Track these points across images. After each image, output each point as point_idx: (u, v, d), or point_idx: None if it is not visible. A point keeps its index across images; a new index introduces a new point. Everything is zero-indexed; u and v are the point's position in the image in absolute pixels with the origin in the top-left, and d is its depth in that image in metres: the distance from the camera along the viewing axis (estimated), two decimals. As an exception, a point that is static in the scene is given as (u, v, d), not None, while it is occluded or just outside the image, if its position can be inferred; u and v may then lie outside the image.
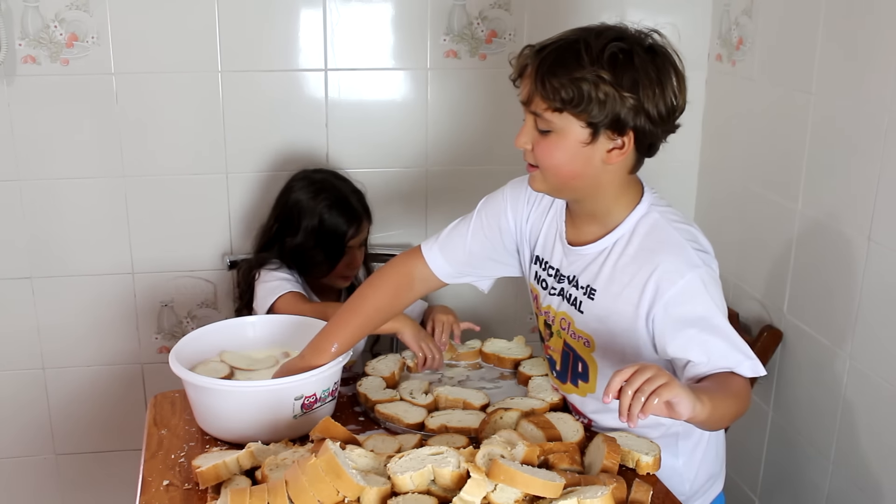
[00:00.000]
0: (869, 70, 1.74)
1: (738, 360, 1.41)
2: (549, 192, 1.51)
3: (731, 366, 1.41)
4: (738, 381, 1.41)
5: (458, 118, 2.38)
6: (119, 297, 2.38)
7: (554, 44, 1.39)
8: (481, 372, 1.86)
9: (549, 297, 1.59)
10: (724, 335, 1.42)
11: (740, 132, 2.25)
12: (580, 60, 1.34)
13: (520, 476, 1.22)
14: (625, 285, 1.45)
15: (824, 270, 1.91)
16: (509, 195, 1.64)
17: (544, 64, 1.37)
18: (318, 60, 2.28)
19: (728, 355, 1.41)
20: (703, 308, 1.41)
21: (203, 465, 1.37)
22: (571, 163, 1.40)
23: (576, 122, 1.37)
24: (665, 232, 1.45)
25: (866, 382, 1.79)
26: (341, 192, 2.09)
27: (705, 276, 1.42)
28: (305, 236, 2.05)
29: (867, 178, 1.75)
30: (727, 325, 1.43)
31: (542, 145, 1.41)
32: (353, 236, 2.07)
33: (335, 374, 1.59)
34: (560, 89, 1.35)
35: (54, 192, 2.27)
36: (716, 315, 1.42)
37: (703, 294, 1.41)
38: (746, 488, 2.25)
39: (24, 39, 2.14)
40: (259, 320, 1.84)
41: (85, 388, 2.44)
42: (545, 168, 1.43)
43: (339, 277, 2.11)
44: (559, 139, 1.39)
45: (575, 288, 1.53)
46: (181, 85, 2.24)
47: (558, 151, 1.40)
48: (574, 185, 1.44)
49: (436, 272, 1.66)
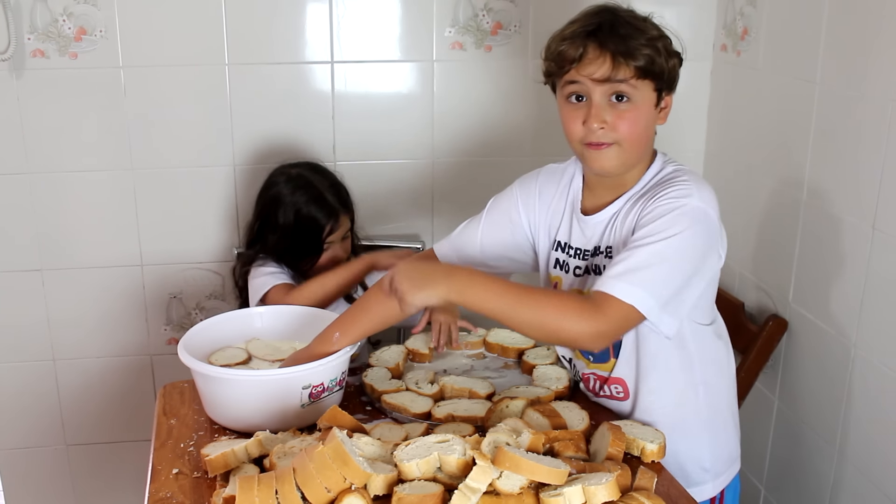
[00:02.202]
0: (874, 59, 1.74)
1: (617, 286, 1.34)
2: (618, 168, 1.49)
3: (601, 285, 1.36)
4: (554, 296, 1.41)
5: (464, 110, 2.38)
6: (128, 289, 2.39)
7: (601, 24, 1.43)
8: (485, 361, 1.87)
9: (573, 278, 1.60)
10: (648, 256, 1.36)
11: (745, 122, 2.25)
12: (638, 28, 1.42)
13: (525, 463, 1.23)
14: (633, 226, 1.46)
15: (829, 260, 1.91)
16: (519, 191, 1.66)
17: (613, 37, 1.41)
18: (324, 53, 2.29)
19: (616, 273, 1.36)
20: (670, 227, 1.38)
21: (212, 454, 1.39)
22: (647, 129, 1.47)
23: (648, 88, 1.44)
24: (678, 174, 1.49)
25: (872, 371, 1.80)
26: (317, 188, 2.05)
27: (689, 208, 1.40)
28: (284, 233, 2.04)
29: (872, 168, 1.75)
30: (669, 256, 1.37)
31: (625, 117, 1.44)
32: (331, 232, 2.04)
33: (343, 364, 1.60)
34: (641, 50, 1.40)
35: (63, 185, 2.28)
36: (671, 241, 1.37)
37: (683, 217, 1.39)
38: (752, 477, 2.26)
39: (33, 33, 2.15)
40: (267, 311, 1.85)
41: (95, 380, 2.45)
42: (627, 140, 1.45)
43: (324, 271, 2.06)
44: (637, 108, 1.44)
45: (602, 256, 1.54)
46: (189, 78, 2.25)
47: (640, 119, 1.45)
48: (641, 152, 1.50)
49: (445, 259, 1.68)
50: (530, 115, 2.38)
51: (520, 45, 2.33)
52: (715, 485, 1.65)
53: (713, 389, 1.63)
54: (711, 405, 1.62)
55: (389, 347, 1.87)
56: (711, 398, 1.62)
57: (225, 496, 1.27)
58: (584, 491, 1.24)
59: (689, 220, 1.39)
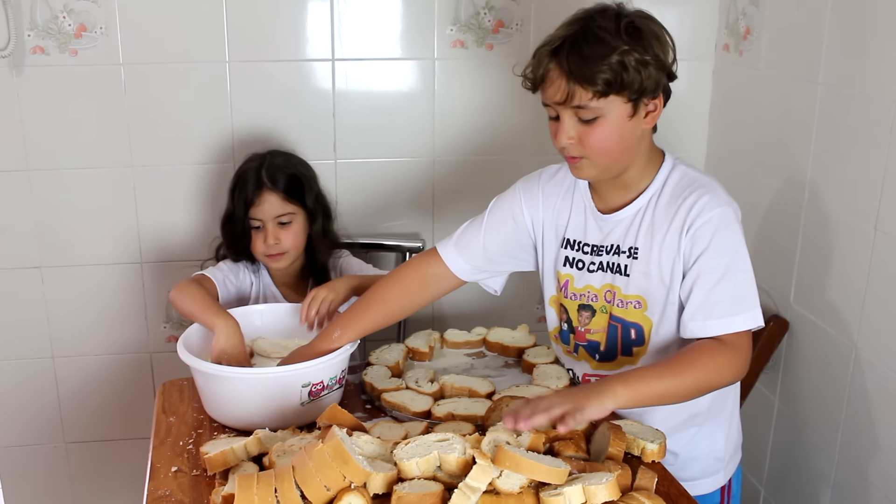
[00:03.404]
0: (876, 60, 1.74)
1: (743, 307, 1.46)
2: (598, 176, 1.54)
3: (721, 327, 1.46)
4: (696, 357, 1.44)
5: (465, 108, 2.38)
6: (127, 286, 2.39)
7: (566, 39, 1.43)
8: (486, 360, 1.87)
9: (587, 275, 1.61)
10: (735, 282, 1.47)
11: (747, 122, 2.25)
12: (605, 42, 1.40)
13: (525, 462, 1.23)
14: (665, 231, 1.51)
15: (831, 260, 1.91)
16: (522, 191, 1.67)
17: (572, 58, 1.41)
18: (325, 50, 2.29)
19: (726, 311, 1.46)
20: (727, 244, 1.48)
21: (211, 452, 1.38)
22: (621, 140, 1.47)
23: (619, 101, 1.43)
24: (695, 176, 1.54)
25: (872, 372, 1.79)
26: (261, 162, 2.04)
27: (730, 214, 1.49)
28: (227, 208, 2.07)
29: (874, 168, 1.75)
30: (743, 268, 1.48)
31: (591, 135, 1.45)
32: (252, 204, 2.00)
33: (342, 362, 1.60)
34: (599, 74, 1.40)
35: (63, 182, 2.28)
36: (736, 253, 1.48)
37: (733, 225, 1.49)
38: (752, 478, 2.26)
39: (33, 30, 2.15)
40: (266, 309, 1.85)
41: (94, 377, 2.45)
42: (597, 154, 1.47)
43: (263, 256, 2.03)
44: (607, 123, 1.44)
45: (617, 255, 1.57)
46: (189, 75, 2.25)
47: (610, 134, 1.45)
48: (623, 160, 1.51)
49: (452, 269, 1.68)
50: (531, 114, 2.38)
51: (521, 43, 2.33)
52: (726, 472, 1.69)
53: None
54: (721, 394, 1.63)
55: (390, 346, 1.86)
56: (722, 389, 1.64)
57: (224, 494, 1.26)
58: (584, 490, 1.24)
59: (733, 228, 1.49)
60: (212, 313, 1.74)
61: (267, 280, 2.08)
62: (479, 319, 2.11)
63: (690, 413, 1.60)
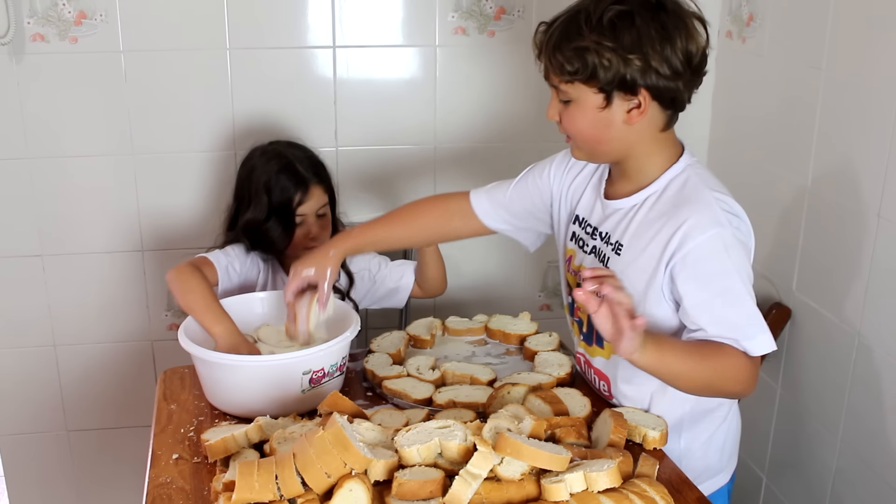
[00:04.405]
0: (880, 45, 1.73)
1: (745, 335, 1.40)
2: (587, 159, 1.57)
3: (734, 338, 1.40)
4: (723, 352, 1.40)
5: (467, 95, 2.37)
6: (129, 274, 2.39)
7: (559, 18, 1.45)
8: (487, 348, 1.87)
9: (583, 255, 1.62)
10: (736, 303, 1.41)
11: (750, 108, 2.24)
12: (580, 31, 1.40)
13: (526, 449, 1.23)
14: (650, 240, 1.47)
15: (834, 247, 1.90)
16: (556, 159, 1.73)
17: (551, 40, 1.44)
18: (326, 37, 2.28)
19: (735, 327, 1.41)
20: (720, 268, 1.42)
21: (212, 439, 1.38)
22: (593, 128, 1.46)
23: (588, 90, 1.42)
24: (696, 190, 1.47)
25: (875, 360, 1.79)
26: (288, 158, 2.02)
27: (727, 237, 1.42)
28: (258, 208, 1.99)
29: (877, 154, 1.74)
30: (743, 292, 1.42)
31: (566, 115, 1.48)
32: (301, 202, 1.99)
33: (343, 349, 1.59)
34: (565, 62, 1.41)
35: (63, 170, 2.27)
36: (732, 278, 1.41)
37: (721, 253, 1.41)
38: (754, 465, 2.26)
39: (33, 17, 2.14)
40: (267, 296, 1.84)
41: (96, 366, 2.45)
42: (573, 135, 1.51)
43: (302, 250, 1.99)
44: (578, 107, 1.45)
45: (606, 244, 1.56)
46: (190, 62, 2.24)
47: (580, 119, 1.46)
48: (603, 149, 1.50)
49: (476, 208, 1.74)
50: (533, 101, 2.37)
51: (523, 30, 2.32)
52: (730, 465, 1.69)
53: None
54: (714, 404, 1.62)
55: (391, 333, 1.86)
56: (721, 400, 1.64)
57: (225, 481, 1.26)
58: (585, 478, 1.24)
59: (728, 252, 1.42)
60: (210, 320, 1.67)
61: (277, 268, 2.07)
62: (481, 307, 2.11)
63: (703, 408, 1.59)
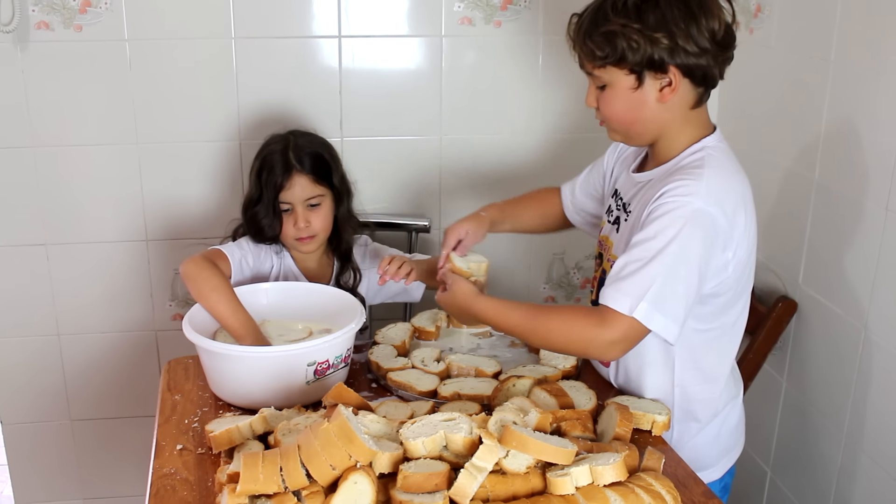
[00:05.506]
0: (888, 37, 1.71)
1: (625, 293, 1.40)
2: (624, 141, 1.64)
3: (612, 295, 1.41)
4: (565, 310, 1.53)
5: (473, 86, 2.36)
6: (133, 264, 2.38)
7: (588, 8, 1.52)
8: (492, 340, 1.86)
9: (608, 225, 1.69)
10: (650, 272, 1.40)
11: (758, 100, 2.23)
12: (607, 17, 1.47)
13: (532, 442, 1.23)
14: (646, 203, 1.51)
15: (840, 241, 1.89)
16: (613, 144, 1.79)
17: (581, 28, 1.51)
18: (331, 27, 2.27)
19: (622, 282, 1.41)
20: (668, 232, 1.42)
21: (216, 430, 1.38)
22: (629, 110, 1.52)
23: (620, 73, 1.49)
24: (699, 164, 1.50)
25: (882, 354, 1.78)
26: (286, 144, 1.99)
27: (696, 211, 1.42)
28: (252, 190, 2.00)
29: (886, 148, 1.73)
30: (668, 268, 1.40)
31: (602, 100, 1.54)
32: (282, 187, 1.95)
33: (347, 341, 1.59)
34: (595, 48, 1.48)
35: (68, 159, 2.27)
36: (668, 248, 1.41)
37: (678, 220, 1.42)
38: (759, 459, 2.25)
39: (38, 5, 2.13)
40: (272, 287, 1.84)
41: (99, 355, 2.45)
42: (609, 119, 1.56)
43: (293, 240, 1.99)
44: (612, 91, 1.52)
45: (623, 211, 1.63)
46: (194, 52, 2.23)
47: (615, 102, 1.52)
48: (638, 129, 1.55)
49: (564, 198, 1.90)
50: (539, 91, 2.36)
51: (529, 20, 2.31)
52: (725, 461, 1.72)
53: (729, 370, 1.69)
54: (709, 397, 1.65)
55: (396, 325, 1.86)
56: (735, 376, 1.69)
57: (229, 472, 1.26)
58: (591, 471, 1.23)
59: (686, 223, 1.42)
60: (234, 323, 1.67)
61: (289, 262, 2.05)
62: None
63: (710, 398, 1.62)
